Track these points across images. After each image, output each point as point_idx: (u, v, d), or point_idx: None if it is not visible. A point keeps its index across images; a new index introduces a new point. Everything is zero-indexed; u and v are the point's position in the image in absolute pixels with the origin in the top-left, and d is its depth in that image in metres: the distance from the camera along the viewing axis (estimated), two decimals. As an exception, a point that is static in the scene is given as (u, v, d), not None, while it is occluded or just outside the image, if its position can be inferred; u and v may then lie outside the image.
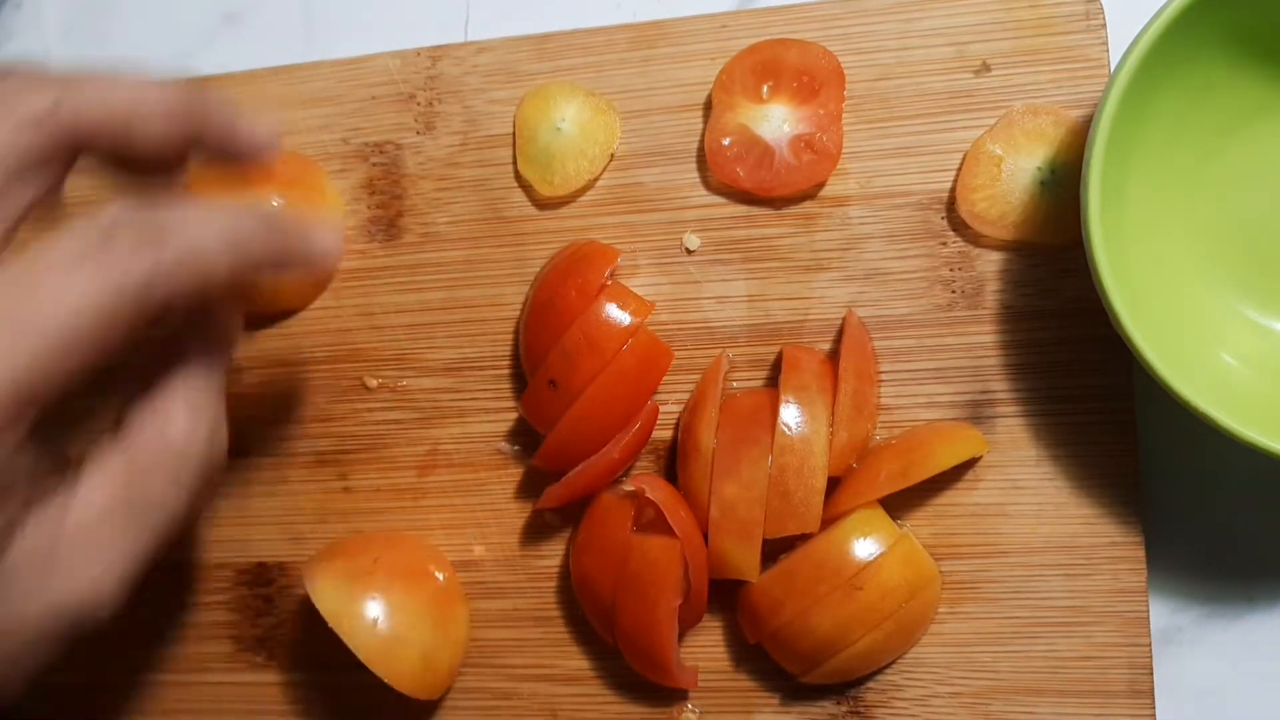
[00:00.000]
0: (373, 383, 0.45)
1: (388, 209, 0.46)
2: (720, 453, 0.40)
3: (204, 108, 0.35)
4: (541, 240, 0.45)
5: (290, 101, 0.47)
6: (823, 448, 0.40)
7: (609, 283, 0.42)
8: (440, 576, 0.44)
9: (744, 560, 0.40)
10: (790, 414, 0.40)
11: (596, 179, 0.45)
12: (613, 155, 0.44)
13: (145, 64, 0.51)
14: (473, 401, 0.46)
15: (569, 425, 0.41)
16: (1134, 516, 0.41)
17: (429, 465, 0.46)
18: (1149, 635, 0.40)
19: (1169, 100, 0.38)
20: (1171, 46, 0.35)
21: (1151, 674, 0.40)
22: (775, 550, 0.41)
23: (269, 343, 0.47)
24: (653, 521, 0.41)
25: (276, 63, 0.48)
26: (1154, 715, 0.40)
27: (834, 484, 0.41)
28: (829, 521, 0.40)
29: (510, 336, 0.45)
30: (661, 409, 0.43)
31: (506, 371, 0.45)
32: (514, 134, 0.45)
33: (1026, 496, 0.42)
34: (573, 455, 0.42)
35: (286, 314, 0.47)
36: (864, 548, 0.39)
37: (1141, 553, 0.41)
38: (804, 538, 0.40)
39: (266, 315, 0.47)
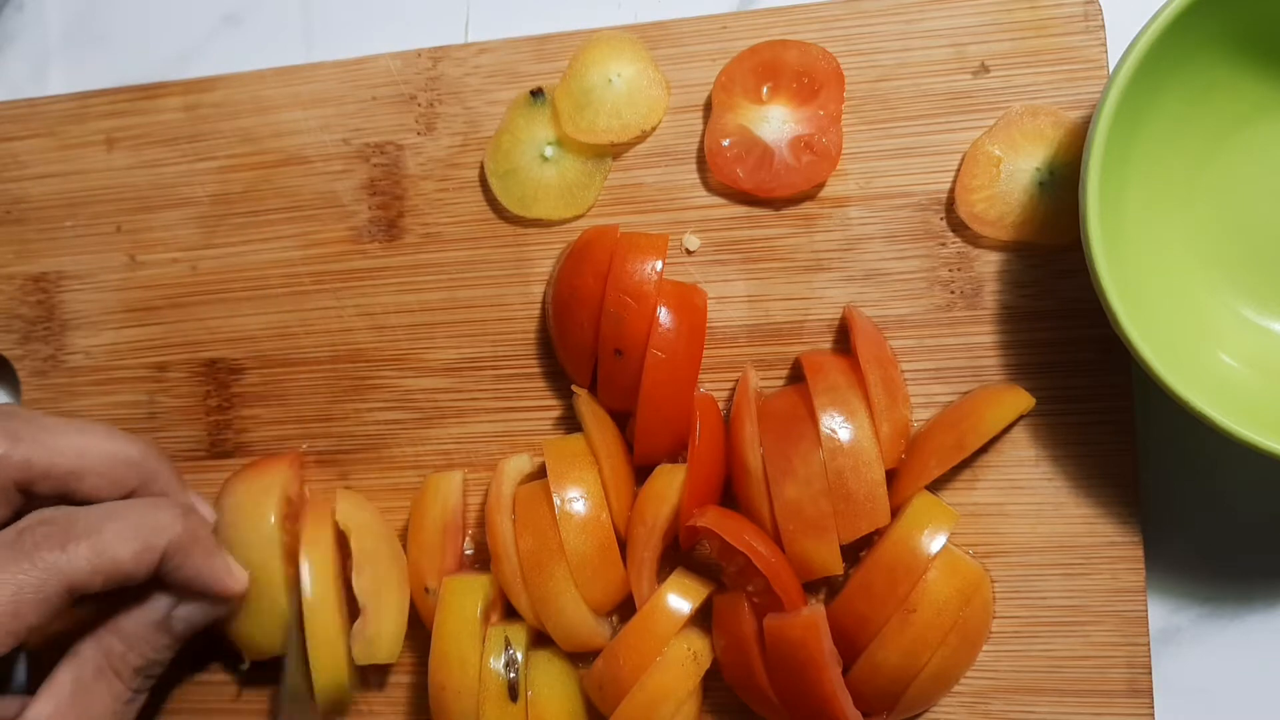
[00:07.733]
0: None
1: (388, 209, 0.47)
2: (770, 459, 0.40)
3: (150, 470, 0.39)
4: (542, 241, 0.45)
5: (290, 102, 0.47)
6: (871, 440, 0.39)
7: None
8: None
9: (825, 556, 0.39)
10: (831, 418, 0.39)
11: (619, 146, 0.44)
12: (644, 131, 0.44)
13: (146, 63, 0.51)
14: (473, 401, 0.46)
15: (647, 405, 0.41)
16: (1132, 516, 0.41)
17: (429, 465, 0.46)
18: (1148, 634, 0.40)
19: (1168, 101, 0.38)
20: (1170, 47, 0.36)
21: (1150, 673, 0.40)
22: (852, 550, 0.41)
23: (269, 342, 0.47)
24: (764, 590, 0.39)
25: (276, 63, 0.48)
26: (1153, 714, 0.40)
27: (890, 477, 0.40)
28: (896, 511, 0.40)
29: (511, 337, 0.45)
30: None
31: (507, 372, 0.45)
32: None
33: (1025, 496, 0.42)
34: (664, 427, 0.41)
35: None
36: (928, 538, 0.38)
37: (1140, 552, 0.41)
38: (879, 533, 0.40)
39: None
